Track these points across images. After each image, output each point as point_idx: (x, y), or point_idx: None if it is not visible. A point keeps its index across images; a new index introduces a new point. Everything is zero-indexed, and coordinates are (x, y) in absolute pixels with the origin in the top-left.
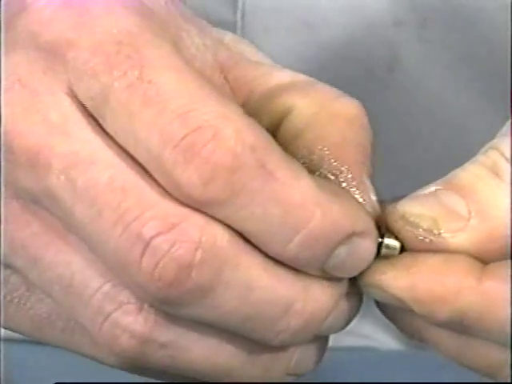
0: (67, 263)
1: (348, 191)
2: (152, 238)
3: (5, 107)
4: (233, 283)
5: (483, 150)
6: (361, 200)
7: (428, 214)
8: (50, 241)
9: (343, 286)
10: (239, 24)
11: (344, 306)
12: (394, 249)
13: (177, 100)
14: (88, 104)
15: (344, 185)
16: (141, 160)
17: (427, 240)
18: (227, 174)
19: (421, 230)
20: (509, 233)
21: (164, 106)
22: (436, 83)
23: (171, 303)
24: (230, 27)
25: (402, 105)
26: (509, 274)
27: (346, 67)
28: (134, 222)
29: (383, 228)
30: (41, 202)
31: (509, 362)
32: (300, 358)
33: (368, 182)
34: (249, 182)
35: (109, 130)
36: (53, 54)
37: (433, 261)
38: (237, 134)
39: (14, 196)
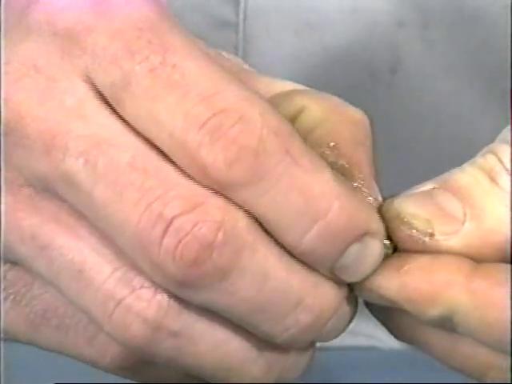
0: (79, 249)
1: (360, 190)
2: (174, 217)
3: (20, 92)
4: (250, 269)
5: (482, 152)
6: (370, 199)
7: (423, 214)
8: (60, 227)
9: (345, 289)
10: (241, 25)
11: (344, 309)
12: (388, 249)
13: (201, 84)
14: (106, 90)
15: (355, 184)
16: (162, 144)
17: (420, 241)
18: (252, 157)
19: (414, 230)
20: (509, 238)
21: (188, 90)
22: (439, 84)
23: (189, 285)
24: (233, 28)
25: (405, 105)
26: (503, 277)
27: (349, 68)
28: (155, 202)
29: None
30: (54, 189)
31: (496, 365)
32: (292, 362)
33: (374, 183)
34: (273, 166)
35: (128, 115)
36: (70, 40)
37: (422, 259)
38: (262, 118)
39: (25, 184)
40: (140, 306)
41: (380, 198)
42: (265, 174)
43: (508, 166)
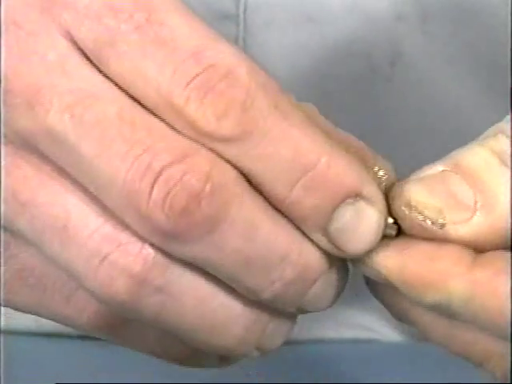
0: (62, 204)
1: (360, 158)
2: (163, 168)
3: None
4: (237, 221)
5: (491, 131)
6: (381, 173)
7: (434, 202)
8: (42, 183)
9: (334, 256)
10: (241, 18)
11: (332, 276)
12: (391, 229)
13: (189, 40)
14: (88, 47)
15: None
16: (148, 101)
17: (429, 229)
18: (241, 111)
19: (426, 220)
20: (509, 225)
21: (176, 46)
22: (439, 77)
23: (178, 236)
24: (233, 21)
25: (405, 99)
26: (503, 266)
27: (349, 61)
28: (144, 154)
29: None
30: (36, 145)
31: (496, 352)
32: (272, 330)
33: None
34: (261, 120)
35: (112, 73)
36: None
37: (425, 246)
38: (250, 73)
39: (5, 141)
40: (125, 261)
41: (393, 175)
42: (253, 128)
43: None
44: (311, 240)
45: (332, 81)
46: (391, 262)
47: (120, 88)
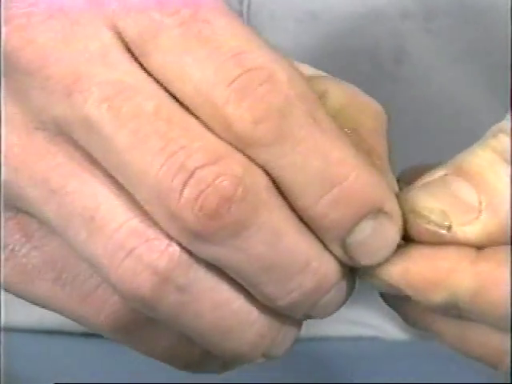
0: (92, 195)
1: (380, 171)
2: (197, 168)
3: (45, 33)
4: (264, 227)
5: (492, 131)
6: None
7: (438, 206)
8: (74, 172)
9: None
10: (245, 13)
11: (343, 284)
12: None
13: (232, 41)
14: (132, 40)
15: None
16: (186, 98)
17: (436, 234)
18: (278, 117)
19: (432, 224)
20: (509, 221)
21: (219, 45)
22: (443, 75)
23: (205, 237)
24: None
25: (409, 96)
26: (505, 258)
27: (353, 58)
28: (179, 152)
29: None
30: (71, 133)
31: (509, 351)
32: (283, 335)
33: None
34: (297, 128)
35: (152, 67)
36: None
37: (428, 248)
38: (290, 80)
39: (40, 127)
40: (151, 256)
41: (397, 189)
42: (288, 136)
43: None
44: (329, 250)
45: (335, 77)
46: (394, 268)
47: (159, 83)
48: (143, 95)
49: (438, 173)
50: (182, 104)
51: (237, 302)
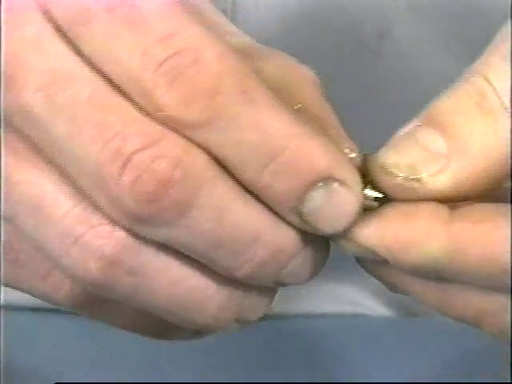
0: (38, 183)
1: (333, 140)
2: (133, 153)
3: None
4: (209, 204)
5: (465, 76)
6: (354, 155)
7: (404, 161)
8: (19, 161)
9: (310, 234)
10: (230, 0)
11: (309, 253)
12: (371, 200)
13: (159, 23)
14: (64, 25)
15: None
16: (119, 81)
17: (409, 188)
18: (208, 97)
19: (399, 179)
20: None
21: (146, 29)
22: (427, 51)
23: (146, 220)
24: (221, 4)
25: (392, 72)
26: (479, 216)
27: (337, 35)
28: (114, 138)
29: (366, 180)
30: (14, 123)
31: (490, 310)
32: (250, 305)
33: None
34: (229, 106)
35: (85, 52)
36: None
37: (400, 208)
38: (219, 58)
39: None
40: (98, 242)
41: (357, 153)
42: (221, 114)
43: (497, 85)
44: (286, 221)
45: (320, 54)
46: (369, 231)
47: (94, 67)
48: (78, 82)
49: (410, 125)
50: (117, 87)
51: (192, 278)
